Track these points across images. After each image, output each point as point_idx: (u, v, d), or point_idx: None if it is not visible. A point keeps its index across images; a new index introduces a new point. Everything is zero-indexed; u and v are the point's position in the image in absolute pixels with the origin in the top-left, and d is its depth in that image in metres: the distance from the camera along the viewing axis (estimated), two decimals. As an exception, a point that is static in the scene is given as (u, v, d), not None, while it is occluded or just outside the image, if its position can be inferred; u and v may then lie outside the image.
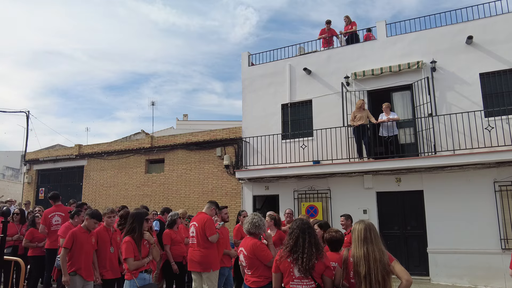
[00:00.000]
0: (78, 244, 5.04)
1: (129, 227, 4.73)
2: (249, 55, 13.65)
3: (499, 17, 10.15)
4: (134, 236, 4.64)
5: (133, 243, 4.60)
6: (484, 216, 9.37)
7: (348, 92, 11.37)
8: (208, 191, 13.26)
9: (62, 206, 7.51)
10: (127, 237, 4.62)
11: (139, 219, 4.72)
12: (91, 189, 16.03)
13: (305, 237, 3.49)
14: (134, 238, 4.63)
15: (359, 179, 10.90)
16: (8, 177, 29.41)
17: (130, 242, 4.57)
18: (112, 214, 5.59)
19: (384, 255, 3.27)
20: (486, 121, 9.53)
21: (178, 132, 18.09)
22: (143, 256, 4.68)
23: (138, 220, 4.71)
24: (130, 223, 4.74)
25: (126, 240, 4.59)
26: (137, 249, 4.62)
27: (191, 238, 5.81)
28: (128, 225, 4.76)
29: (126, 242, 4.57)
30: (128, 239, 4.59)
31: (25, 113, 18.36)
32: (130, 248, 4.56)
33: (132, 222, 4.74)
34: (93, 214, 5.26)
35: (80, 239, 5.09)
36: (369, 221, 3.50)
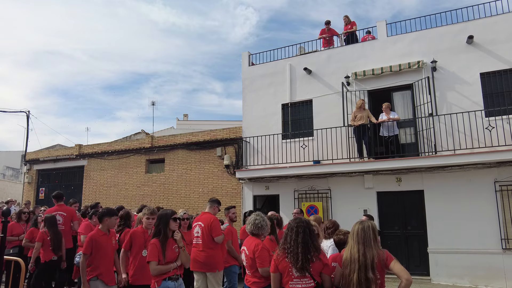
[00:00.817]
0: (97, 248, 4.81)
1: (156, 230, 4.39)
2: (249, 55, 13.65)
3: (500, 16, 10.14)
4: (160, 238, 4.27)
5: (159, 245, 4.21)
6: (485, 216, 9.36)
7: (348, 92, 11.36)
8: (209, 191, 13.25)
9: (64, 206, 7.52)
10: (153, 239, 4.30)
11: (164, 220, 4.35)
12: (92, 189, 16.03)
13: (302, 235, 3.49)
14: (160, 240, 4.27)
15: (360, 179, 10.89)
16: (8, 177, 29.42)
17: (155, 245, 4.21)
18: (152, 216, 5.08)
19: (369, 257, 3.24)
20: (486, 121, 9.52)
21: (178, 132, 18.09)
22: (168, 260, 4.24)
23: (163, 221, 4.35)
24: (156, 225, 4.41)
25: (151, 242, 4.28)
26: (162, 252, 4.22)
27: (195, 238, 5.75)
28: (155, 227, 4.44)
29: (151, 244, 4.25)
30: (153, 241, 4.27)
31: (26, 113, 18.38)
32: (154, 250, 4.19)
33: (158, 224, 4.40)
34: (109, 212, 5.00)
35: (99, 242, 4.85)
36: (368, 223, 3.47)
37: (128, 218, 6.27)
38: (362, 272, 3.19)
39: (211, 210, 6.01)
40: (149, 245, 4.27)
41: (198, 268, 5.67)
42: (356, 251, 3.28)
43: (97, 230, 4.99)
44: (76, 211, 7.95)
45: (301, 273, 3.38)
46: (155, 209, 5.28)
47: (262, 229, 4.38)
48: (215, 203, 6.13)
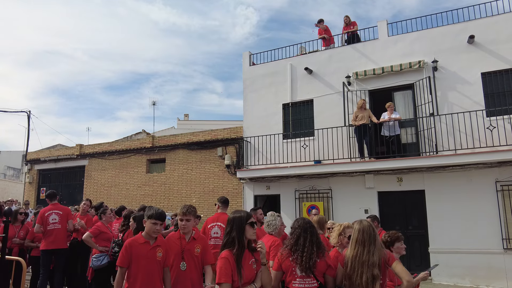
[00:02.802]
0: (137, 261, 3.65)
1: (227, 238, 3.23)
2: (250, 55, 13.65)
3: (501, 16, 10.13)
4: (234, 251, 3.14)
5: (233, 261, 3.09)
6: (486, 216, 9.35)
7: (349, 92, 11.35)
8: (209, 191, 13.26)
9: (59, 204, 7.38)
10: (224, 251, 3.17)
11: (238, 225, 3.20)
12: (92, 189, 16.04)
13: (306, 236, 3.48)
14: (234, 253, 3.13)
15: (361, 178, 10.88)
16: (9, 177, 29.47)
17: (228, 259, 3.08)
18: (186, 217, 4.08)
19: (373, 256, 3.24)
20: (487, 121, 9.51)
21: (179, 132, 18.10)
22: (245, 281, 3.12)
23: (238, 226, 3.20)
24: (228, 232, 3.24)
25: (222, 256, 3.15)
26: (237, 270, 3.08)
27: (213, 239, 5.70)
28: (225, 235, 3.26)
29: (222, 259, 3.12)
30: (225, 254, 3.13)
31: (26, 113, 18.39)
32: (227, 267, 3.05)
33: (229, 230, 3.23)
34: (157, 214, 3.76)
35: (139, 253, 3.67)
36: (367, 221, 3.48)
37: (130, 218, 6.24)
38: (370, 271, 3.18)
39: (225, 210, 6.01)
40: (219, 260, 3.14)
41: None
42: (362, 251, 3.26)
43: (139, 236, 3.84)
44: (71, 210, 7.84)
45: (305, 273, 3.38)
46: (191, 207, 4.20)
47: (271, 226, 4.56)
48: (227, 203, 6.16)
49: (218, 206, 6.09)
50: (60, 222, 7.02)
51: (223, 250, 3.19)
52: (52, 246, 6.84)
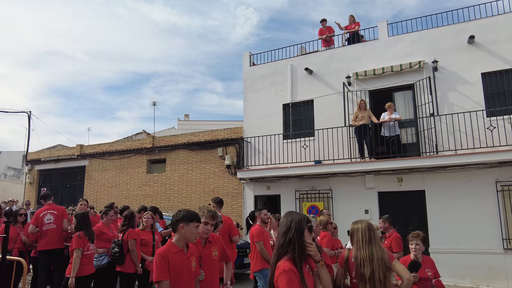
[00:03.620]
0: (175, 273, 3.12)
1: (283, 240, 2.66)
2: (250, 55, 13.66)
3: (501, 16, 10.13)
4: (296, 259, 2.57)
5: (297, 272, 2.52)
6: (486, 216, 9.36)
7: (349, 92, 11.36)
8: (210, 191, 13.26)
9: (54, 204, 7.29)
10: (284, 262, 2.55)
11: (298, 227, 2.66)
12: (93, 189, 16.06)
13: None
14: (295, 262, 2.56)
15: (361, 179, 10.89)
16: (10, 177, 29.50)
17: (293, 272, 2.50)
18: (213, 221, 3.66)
19: (384, 253, 3.27)
20: (488, 121, 9.51)
21: (180, 132, 18.12)
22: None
23: (298, 230, 2.65)
24: (284, 233, 2.68)
25: (285, 269, 2.50)
26: (301, 279, 2.53)
27: None
28: (281, 236, 2.70)
29: (286, 272, 2.49)
30: (288, 266, 2.51)
31: (27, 113, 18.40)
32: (293, 280, 2.48)
33: (286, 231, 2.68)
34: (190, 216, 3.25)
35: (176, 264, 3.13)
36: (368, 221, 3.50)
37: (132, 218, 6.24)
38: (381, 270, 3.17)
39: (220, 210, 6.07)
40: (283, 274, 2.50)
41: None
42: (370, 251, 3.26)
43: (169, 244, 3.25)
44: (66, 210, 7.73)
45: None
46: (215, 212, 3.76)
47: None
48: (222, 203, 6.24)
49: (213, 206, 6.10)
50: (55, 222, 6.96)
51: (278, 254, 2.65)
52: (47, 246, 6.81)
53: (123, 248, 5.89)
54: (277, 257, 2.62)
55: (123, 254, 5.87)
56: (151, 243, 6.34)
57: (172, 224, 3.30)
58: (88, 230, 5.58)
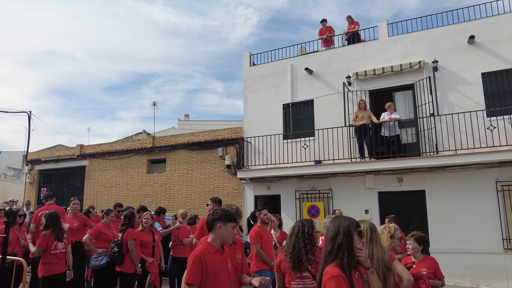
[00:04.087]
0: (213, 275, 2.97)
1: (331, 245, 2.54)
2: (251, 55, 13.66)
3: (501, 16, 10.13)
4: (344, 266, 2.45)
5: (346, 278, 2.42)
6: (486, 216, 9.35)
7: (349, 92, 11.36)
8: (210, 191, 13.26)
9: (53, 205, 7.28)
10: (333, 268, 2.44)
11: (347, 232, 2.55)
12: (93, 189, 16.06)
13: (296, 236, 3.52)
14: (344, 268, 2.44)
15: (361, 179, 10.89)
16: (10, 177, 29.51)
17: (342, 278, 2.40)
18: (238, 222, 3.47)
19: (385, 253, 3.28)
20: (488, 121, 9.51)
21: (180, 132, 18.12)
22: None
23: (347, 234, 2.55)
24: (332, 238, 2.57)
25: (334, 274, 2.39)
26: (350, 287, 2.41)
27: None
28: (329, 241, 2.57)
29: (335, 278, 2.38)
30: (336, 272, 2.41)
31: (27, 113, 18.39)
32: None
33: (334, 236, 2.57)
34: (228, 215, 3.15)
35: (214, 265, 3.00)
36: (370, 221, 3.51)
37: (132, 218, 6.24)
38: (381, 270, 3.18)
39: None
40: (332, 280, 2.38)
41: None
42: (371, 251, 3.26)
43: (204, 243, 3.12)
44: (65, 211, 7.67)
45: (298, 271, 3.40)
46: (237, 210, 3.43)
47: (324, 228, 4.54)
48: (221, 203, 6.22)
49: (212, 206, 6.08)
50: None
51: (326, 260, 2.53)
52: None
53: (123, 248, 5.90)
54: (325, 263, 2.51)
55: (122, 254, 5.87)
56: (151, 244, 6.34)
57: (209, 223, 3.18)
58: (55, 229, 5.62)
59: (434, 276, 4.43)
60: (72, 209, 7.29)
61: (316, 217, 11.02)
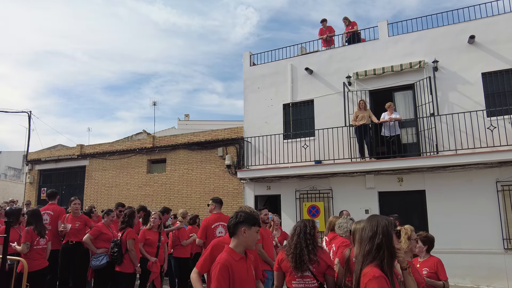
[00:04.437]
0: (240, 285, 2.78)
1: (370, 246, 2.42)
2: (251, 55, 13.66)
3: (501, 16, 10.13)
4: (385, 266, 2.34)
5: (388, 280, 2.30)
6: (487, 216, 9.35)
7: (349, 92, 11.36)
8: (210, 191, 13.26)
9: (54, 205, 7.27)
10: (373, 268, 2.33)
11: (386, 231, 2.44)
12: (93, 189, 16.06)
13: (298, 235, 3.52)
14: (384, 269, 2.33)
15: (361, 179, 10.89)
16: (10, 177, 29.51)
17: (384, 279, 2.28)
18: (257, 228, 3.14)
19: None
20: (488, 121, 9.51)
21: (180, 132, 18.12)
22: None
23: (386, 235, 2.42)
24: (370, 238, 2.45)
25: (375, 275, 2.27)
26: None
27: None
28: (367, 245, 2.45)
29: (377, 279, 2.26)
30: (378, 273, 2.30)
31: (27, 113, 18.39)
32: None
33: (372, 236, 2.44)
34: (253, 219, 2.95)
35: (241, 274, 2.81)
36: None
37: (132, 217, 6.24)
38: None
39: (220, 210, 6.11)
40: (374, 281, 2.27)
41: None
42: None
43: (228, 250, 2.90)
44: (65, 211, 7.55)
45: (300, 271, 3.41)
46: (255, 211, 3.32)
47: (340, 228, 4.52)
48: (222, 203, 6.28)
49: (214, 206, 6.09)
50: (50, 222, 6.93)
51: (364, 261, 2.41)
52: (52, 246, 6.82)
53: (122, 248, 5.90)
54: (363, 263, 2.40)
55: (121, 254, 5.88)
56: (156, 243, 6.37)
57: (231, 227, 2.91)
58: (37, 225, 5.75)
59: (437, 277, 4.43)
60: (73, 209, 7.20)
61: (316, 217, 11.03)
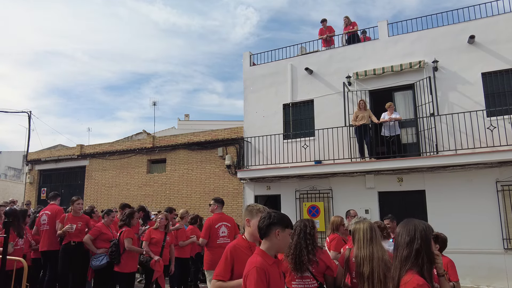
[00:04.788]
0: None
1: (407, 251, 2.30)
2: (251, 55, 13.66)
3: (501, 16, 10.13)
4: (425, 273, 2.23)
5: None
6: (487, 216, 9.35)
7: (349, 92, 11.36)
8: (210, 191, 13.26)
9: (54, 205, 7.24)
10: (415, 276, 2.19)
11: (424, 236, 2.31)
12: (93, 189, 16.06)
13: (295, 238, 3.51)
14: (425, 276, 2.21)
15: (361, 179, 10.88)
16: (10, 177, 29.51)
17: (428, 287, 2.19)
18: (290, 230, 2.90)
19: (385, 253, 3.28)
20: (488, 121, 9.51)
21: (180, 132, 18.12)
22: None
23: (423, 238, 2.31)
24: (408, 243, 2.32)
25: (419, 283, 2.15)
26: None
27: (222, 238, 5.93)
28: (404, 250, 2.31)
29: (421, 287, 2.14)
30: (421, 281, 2.17)
31: (27, 113, 18.38)
32: None
33: (409, 241, 2.32)
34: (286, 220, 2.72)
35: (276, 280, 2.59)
36: (369, 220, 3.52)
37: (131, 217, 6.25)
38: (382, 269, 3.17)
39: (221, 210, 6.22)
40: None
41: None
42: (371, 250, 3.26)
43: (262, 254, 2.65)
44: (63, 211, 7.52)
45: (299, 272, 3.40)
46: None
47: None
48: (224, 203, 6.39)
49: (216, 206, 6.15)
50: (48, 223, 6.90)
51: (401, 267, 2.28)
52: (42, 248, 6.80)
53: (120, 248, 5.92)
54: (400, 270, 2.28)
55: (119, 254, 5.89)
56: (161, 243, 6.38)
57: (264, 227, 2.67)
58: (16, 226, 5.81)
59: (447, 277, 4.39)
60: (76, 208, 7.05)
61: (316, 217, 11.03)
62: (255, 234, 3.04)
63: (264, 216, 2.76)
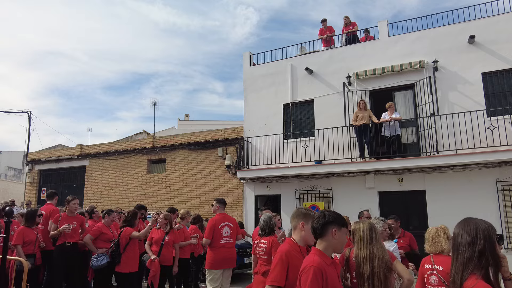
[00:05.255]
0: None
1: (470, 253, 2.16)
2: (251, 55, 13.66)
3: (501, 16, 10.12)
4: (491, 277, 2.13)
5: None
6: (487, 216, 9.24)
7: (349, 92, 11.35)
8: (210, 191, 13.26)
9: (50, 205, 7.21)
10: (479, 281, 2.04)
11: (488, 237, 2.16)
12: (93, 189, 16.06)
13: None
14: (491, 281, 2.10)
15: (361, 179, 10.88)
16: (10, 177, 29.52)
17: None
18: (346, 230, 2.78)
19: (385, 253, 3.28)
20: (488, 121, 9.50)
21: (180, 132, 18.12)
22: None
23: (487, 239, 2.15)
24: (470, 244, 2.17)
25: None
26: None
27: (225, 238, 6.04)
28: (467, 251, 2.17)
29: None
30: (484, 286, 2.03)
31: (27, 113, 18.39)
32: None
33: (471, 242, 2.17)
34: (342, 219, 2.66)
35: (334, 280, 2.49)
36: (370, 221, 3.51)
37: (134, 217, 6.25)
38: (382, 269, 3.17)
39: (223, 210, 6.31)
40: None
41: (230, 265, 6.05)
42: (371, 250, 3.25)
43: (319, 254, 2.55)
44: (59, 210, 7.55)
45: None
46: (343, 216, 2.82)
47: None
48: (226, 204, 6.51)
49: (218, 207, 6.21)
50: (43, 222, 6.89)
51: (464, 269, 2.12)
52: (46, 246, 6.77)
53: (119, 248, 5.92)
54: (463, 273, 2.11)
55: (119, 254, 5.90)
56: (160, 243, 6.39)
57: (319, 227, 2.59)
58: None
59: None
60: (72, 208, 6.95)
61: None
62: (308, 239, 2.98)
63: (318, 216, 2.67)
